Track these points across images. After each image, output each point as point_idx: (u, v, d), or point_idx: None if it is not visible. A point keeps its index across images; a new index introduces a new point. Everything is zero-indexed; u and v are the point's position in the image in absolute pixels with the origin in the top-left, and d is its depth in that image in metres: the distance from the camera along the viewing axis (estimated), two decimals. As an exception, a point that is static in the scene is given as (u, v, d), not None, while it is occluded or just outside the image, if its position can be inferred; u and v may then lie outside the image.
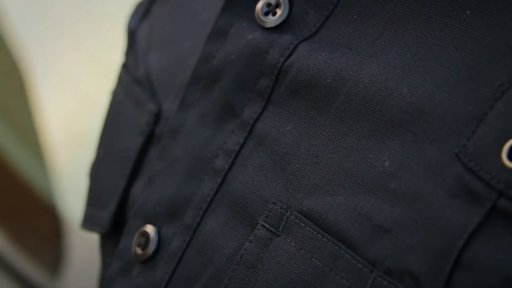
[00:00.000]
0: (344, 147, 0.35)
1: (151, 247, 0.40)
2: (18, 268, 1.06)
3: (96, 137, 1.20)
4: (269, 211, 0.36)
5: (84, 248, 1.11)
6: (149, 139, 0.45)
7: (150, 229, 0.41)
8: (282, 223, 0.36)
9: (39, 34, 1.22)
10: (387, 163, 0.34)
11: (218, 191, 0.39)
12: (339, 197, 0.35)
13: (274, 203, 0.36)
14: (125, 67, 0.51)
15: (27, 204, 1.11)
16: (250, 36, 0.40)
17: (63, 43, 1.21)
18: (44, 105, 1.16)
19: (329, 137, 0.36)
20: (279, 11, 0.39)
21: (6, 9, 1.19)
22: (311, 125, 0.37)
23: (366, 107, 0.35)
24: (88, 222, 0.49)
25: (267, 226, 0.36)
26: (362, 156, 0.34)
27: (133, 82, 0.48)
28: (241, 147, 0.39)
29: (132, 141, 0.46)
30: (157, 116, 0.45)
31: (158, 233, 0.41)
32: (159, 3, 0.50)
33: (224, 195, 0.39)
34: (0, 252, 1.05)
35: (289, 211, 0.36)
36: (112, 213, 0.46)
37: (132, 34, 0.51)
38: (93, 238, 1.12)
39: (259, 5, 0.40)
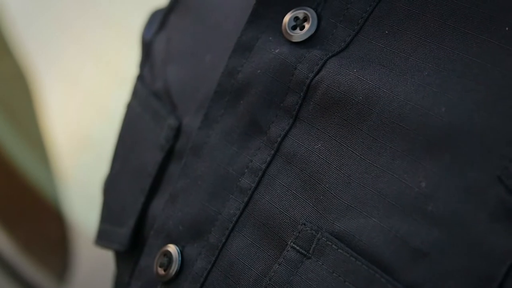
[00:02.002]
0: (377, 167, 0.34)
1: (174, 268, 0.39)
2: (25, 274, 1.05)
3: (102, 141, 1.19)
4: (299, 232, 0.35)
5: (91, 254, 1.10)
6: (169, 154, 0.44)
7: (172, 248, 0.40)
8: (313, 245, 0.35)
9: (45, 37, 1.20)
10: (423, 184, 0.33)
11: (244, 210, 0.38)
12: (373, 219, 0.33)
13: (304, 224, 0.35)
14: (140, 79, 0.49)
15: (34, 209, 1.10)
16: (277, 51, 0.38)
17: (70, 46, 1.19)
18: (50, 108, 1.15)
19: (361, 156, 0.35)
20: (307, 25, 0.38)
21: (11, 12, 1.18)
22: (342, 143, 0.36)
23: (401, 126, 0.34)
24: (104, 239, 0.48)
25: (297, 248, 0.35)
26: (397, 177, 0.33)
27: (151, 95, 0.47)
28: (268, 166, 0.38)
29: (151, 157, 0.44)
30: (177, 131, 0.43)
31: (181, 253, 0.40)
32: (176, 14, 0.49)
33: (251, 215, 0.38)
34: (8, 259, 1.04)
35: (320, 233, 0.35)
36: (130, 231, 0.44)
37: (147, 46, 0.50)
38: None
39: (286, 19, 0.39)
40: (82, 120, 1.17)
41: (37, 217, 1.10)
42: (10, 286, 1.05)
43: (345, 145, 0.35)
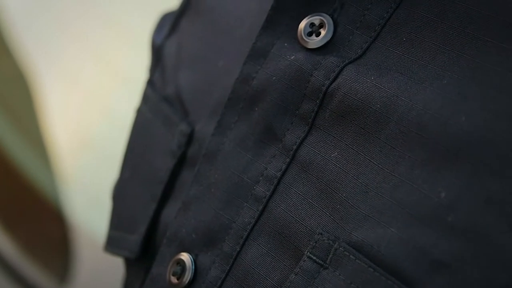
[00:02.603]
0: (395, 176, 0.34)
1: (188, 276, 0.39)
2: (26, 275, 1.04)
3: (103, 141, 1.18)
4: (316, 242, 0.35)
5: (92, 254, 1.09)
6: (181, 161, 0.43)
7: (185, 257, 0.39)
8: (330, 255, 0.34)
9: (45, 37, 1.20)
10: (443, 195, 0.32)
11: (259, 219, 0.38)
12: (392, 229, 0.33)
13: (321, 233, 0.35)
14: (151, 84, 0.49)
15: (35, 210, 1.09)
16: (292, 57, 0.38)
17: (70, 46, 1.19)
18: (50, 108, 1.14)
19: (379, 166, 0.34)
20: (323, 32, 0.38)
21: (11, 12, 1.17)
22: (359, 152, 0.35)
23: (420, 135, 0.33)
24: (114, 246, 0.47)
25: (314, 258, 0.35)
26: (416, 187, 0.33)
27: (162, 101, 0.46)
28: (284, 174, 0.37)
29: (163, 163, 0.44)
30: (190, 137, 0.43)
31: (194, 261, 0.39)
32: (187, 18, 0.48)
33: (266, 224, 0.37)
34: (8, 259, 1.04)
35: (337, 243, 0.34)
36: (141, 238, 0.44)
37: (158, 50, 0.50)
38: (101, 245, 1.11)
39: (302, 25, 0.38)
40: (83, 120, 1.16)
41: (38, 218, 1.10)
42: (11, 286, 1.04)
43: (362, 154, 0.35)
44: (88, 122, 1.16)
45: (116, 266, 1.10)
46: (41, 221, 1.10)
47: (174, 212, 0.42)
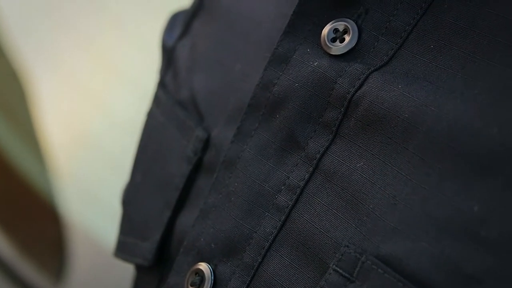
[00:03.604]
0: (425, 188, 0.33)
1: (207, 287, 0.38)
2: (21, 273, 1.03)
3: (99, 138, 1.17)
4: (342, 255, 0.34)
5: (87, 253, 1.08)
6: (196, 167, 0.42)
7: (204, 267, 0.38)
8: (357, 268, 0.33)
9: (39, 33, 1.18)
10: (476, 208, 0.31)
11: (281, 229, 0.37)
12: (422, 243, 0.32)
13: (347, 246, 0.34)
14: (162, 86, 0.48)
15: (31, 208, 1.08)
16: (315, 64, 0.37)
17: (64, 41, 1.17)
18: (45, 105, 1.13)
19: (407, 177, 0.33)
20: (347, 38, 0.37)
21: (4, 9, 1.16)
22: (386, 162, 0.34)
23: (450, 146, 0.33)
24: (126, 252, 0.46)
25: (340, 271, 0.34)
26: (447, 199, 0.32)
27: (175, 105, 0.45)
28: (307, 183, 0.36)
29: (178, 169, 0.43)
30: (206, 143, 0.42)
31: (214, 271, 0.38)
32: (200, 19, 0.47)
33: (289, 234, 0.36)
34: (4, 258, 1.03)
35: (364, 256, 0.33)
36: (156, 246, 0.43)
37: (169, 52, 0.48)
38: (97, 243, 1.10)
39: (326, 31, 0.37)
40: (78, 117, 1.15)
41: (33, 216, 1.09)
42: (6, 285, 1.03)
43: (389, 164, 0.34)
44: (83, 118, 1.14)
45: (111, 264, 1.09)
46: (35, 219, 1.09)
47: (190, 220, 0.41)
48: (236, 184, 0.38)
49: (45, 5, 1.19)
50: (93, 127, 1.14)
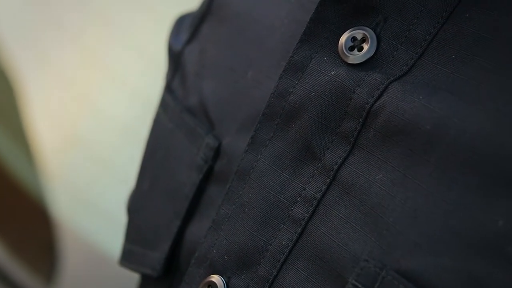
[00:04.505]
0: (447, 202, 0.32)
1: None
2: (12, 275, 1.02)
3: (90, 139, 1.15)
4: (361, 269, 0.33)
5: (78, 254, 1.07)
6: (207, 176, 0.41)
7: (217, 279, 0.38)
8: (377, 283, 0.33)
9: (29, 33, 1.17)
10: (500, 223, 0.31)
11: (297, 242, 0.36)
12: (444, 258, 0.31)
13: (367, 260, 0.33)
14: (169, 91, 0.47)
15: (22, 210, 1.07)
16: (333, 72, 0.36)
17: (55, 40, 1.16)
18: (35, 106, 1.12)
19: (429, 190, 0.33)
20: (365, 46, 0.36)
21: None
22: (406, 175, 0.34)
23: (474, 158, 0.32)
24: (133, 262, 0.45)
25: (359, 285, 0.33)
26: (470, 214, 0.31)
27: (184, 111, 0.44)
28: (324, 195, 0.36)
29: (187, 177, 0.42)
30: (217, 151, 0.41)
31: (227, 284, 0.37)
32: (209, 24, 0.46)
33: (305, 247, 0.36)
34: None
35: (384, 270, 0.33)
36: (165, 256, 0.42)
37: (177, 56, 0.47)
38: (87, 244, 1.08)
39: (343, 39, 0.36)
40: (68, 117, 1.13)
41: (24, 218, 1.07)
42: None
43: (410, 177, 0.33)
44: (73, 118, 1.13)
45: (103, 266, 1.08)
46: (26, 221, 1.08)
47: (200, 230, 0.40)
48: (250, 194, 0.38)
49: (33, 3, 1.18)
50: (82, 127, 1.13)
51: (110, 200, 1.07)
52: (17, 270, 1.03)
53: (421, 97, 0.34)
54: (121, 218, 1.11)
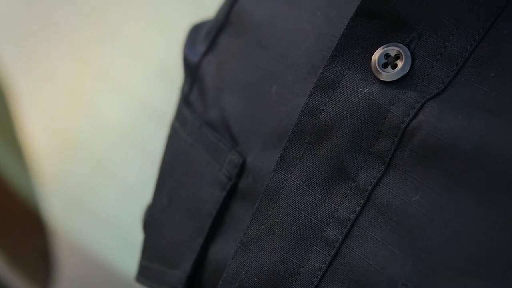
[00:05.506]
0: (489, 224, 0.31)
1: None
2: (8, 283, 1.01)
3: (85, 143, 1.14)
4: None
5: (73, 261, 1.06)
6: (230, 193, 0.40)
7: None
8: None
9: (22, 35, 1.15)
10: None
11: (331, 264, 0.35)
12: (487, 282, 0.31)
13: (405, 284, 0.32)
14: (187, 104, 0.46)
15: (16, 217, 1.05)
16: (366, 90, 0.35)
17: (49, 43, 1.14)
18: (29, 111, 1.10)
19: (469, 213, 0.32)
20: (400, 64, 0.35)
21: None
22: (444, 196, 0.33)
23: None
24: (151, 280, 0.44)
25: None
26: None
27: (204, 126, 0.43)
28: (358, 216, 0.35)
29: (210, 194, 0.41)
30: (241, 168, 0.40)
31: None
32: (228, 35, 0.45)
33: (339, 270, 0.35)
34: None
35: None
36: (187, 275, 0.41)
37: (194, 69, 0.46)
38: (84, 251, 1.07)
39: (376, 56, 0.35)
40: (63, 120, 1.12)
41: (18, 224, 1.06)
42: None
43: (447, 199, 0.33)
44: (67, 122, 1.12)
45: (99, 273, 1.07)
46: (20, 228, 1.06)
47: (225, 248, 0.39)
48: (280, 215, 0.37)
49: (28, 8, 1.16)
50: (78, 132, 1.12)
51: (106, 206, 1.06)
52: (13, 278, 1.01)
53: (459, 116, 0.33)
54: (118, 224, 1.10)
